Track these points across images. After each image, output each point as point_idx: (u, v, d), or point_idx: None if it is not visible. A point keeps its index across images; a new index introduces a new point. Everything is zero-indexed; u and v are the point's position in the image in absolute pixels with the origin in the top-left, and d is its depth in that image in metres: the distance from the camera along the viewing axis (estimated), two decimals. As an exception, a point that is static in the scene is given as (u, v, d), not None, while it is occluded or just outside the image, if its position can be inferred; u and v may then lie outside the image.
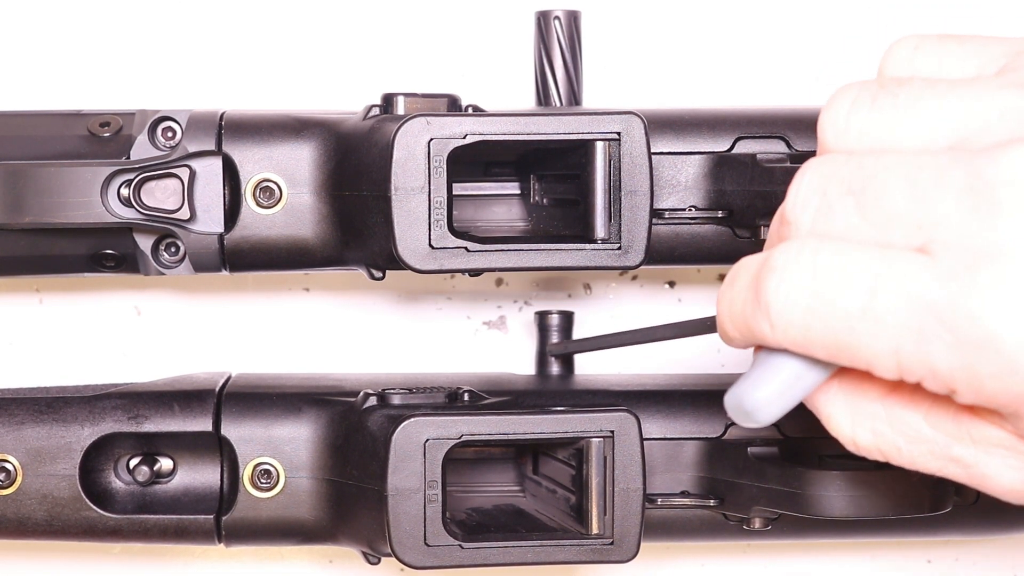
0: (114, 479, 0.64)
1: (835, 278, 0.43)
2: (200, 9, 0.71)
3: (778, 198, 0.60)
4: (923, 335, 0.42)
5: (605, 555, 0.59)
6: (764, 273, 0.45)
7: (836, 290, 0.43)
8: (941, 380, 0.42)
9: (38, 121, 0.63)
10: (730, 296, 0.46)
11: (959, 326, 0.41)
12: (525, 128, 0.58)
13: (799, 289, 0.44)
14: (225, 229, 0.62)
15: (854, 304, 0.43)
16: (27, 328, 0.71)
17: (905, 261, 0.42)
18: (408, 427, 0.58)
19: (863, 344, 0.43)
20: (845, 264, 0.43)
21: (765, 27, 0.72)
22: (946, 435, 0.45)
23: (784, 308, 0.44)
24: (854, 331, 0.43)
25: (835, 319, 0.43)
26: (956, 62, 0.46)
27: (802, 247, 0.44)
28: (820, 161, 0.45)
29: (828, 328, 0.43)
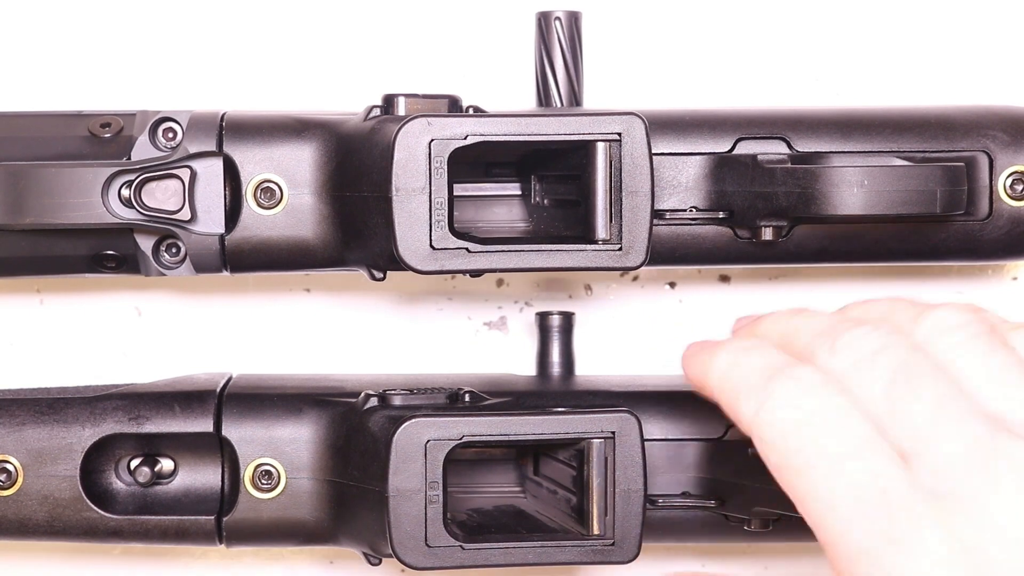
0: (115, 480, 0.64)
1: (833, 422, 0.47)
2: (200, 10, 0.71)
3: (779, 199, 0.60)
4: (862, 509, 0.45)
5: (606, 556, 0.59)
6: (787, 375, 0.49)
7: (827, 430, 0.47)
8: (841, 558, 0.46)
9: (39, 122, 0.63)
10: (736, 363, 0.52)
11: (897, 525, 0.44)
12: (526, 129, 0.58)
13: (802, 411, 0.48)
14: (226, 230, 0.62)
15: (832, 449, 0.47)
16: (28, 329, 0.71)
17: (887, 453, 0.46)
18: (409, 428, 0.58)
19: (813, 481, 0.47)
20: (847, 421, 0.47)
21: (765, 27, 0.72)
22: None
23: (779, 408, 0.49)
24: (815, 467, 0.47)
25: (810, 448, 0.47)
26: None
27: (828, 385, 0.48)
28: (894, 330, 0.49)
29: (798, 449, 0.47)
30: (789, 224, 0.63)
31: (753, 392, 0.50)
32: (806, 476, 0.47)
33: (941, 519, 0.44)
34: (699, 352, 0.55)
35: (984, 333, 0.49)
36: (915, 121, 0.64)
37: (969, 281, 0.72)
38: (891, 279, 0.71)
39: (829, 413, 0.48)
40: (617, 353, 0.71)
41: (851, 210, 0.58)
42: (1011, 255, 0.65)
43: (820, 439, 0.47)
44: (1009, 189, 0.64)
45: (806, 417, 0.48)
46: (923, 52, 0.72)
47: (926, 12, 0.72)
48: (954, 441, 0.45)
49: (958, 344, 0.49)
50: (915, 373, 0.48)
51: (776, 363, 0.51)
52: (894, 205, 0.59)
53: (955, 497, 0.45)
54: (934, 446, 0.46)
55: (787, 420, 0.48)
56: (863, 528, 0.45)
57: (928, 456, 0.46)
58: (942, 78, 0.72)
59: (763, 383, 0.50)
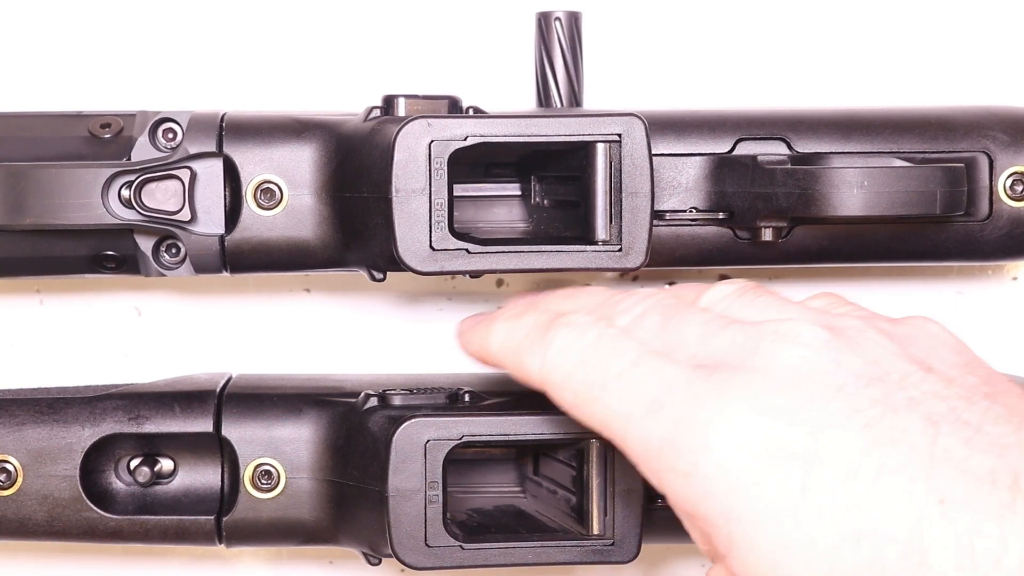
0: (115, 480, 0.64)
1: (611, 347, 0.52)
2: (200, 10, 0.71)
3: (779, 200, 0.60)
4: (654, 406, 0.49)
5: (606, 556, 0.59)
6: (561, 323, 0.54)
7: (607, 354, 0.52)
8: (651, 459, 0.49)
9: (39, 122, 0.63)
10: (512, 326, 0.56)
11: (685, 406, 0.49)
12: (526, 130, 0.58)
13: (581, 346, 0.53)
14: (226, 230, 0.62)
15: (616, 367, 0.51)
16: (28, 329, 0.71)
17: (666, 360, 0.51)
18: (409, 428, 0.58)
19: (606, 402, 0.51)
20: (624, 344, 0.52)
21: (765, 28, 0.72)
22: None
23: (560, 351, 0.53)
24: (605, 388, 0.51)
25: (596, 374, 0.51)
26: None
27: (600, 323, 0.53)
28: (662, 293, 0.55)
29: (586, 380, 0.52)
30: (789, 225, 0.63)
31: (534, 346, 0.54)
32: (600, 400, 0.51)
33: (721, 387, 0.48)
34: (475, 326, 0.59)
35: (752, 288, 0.54)
36: (915, 121, 0.64)
37: (969, 281, 0.72)
38: (891, 279, 0.71)
39: (606, 341, 0.52)
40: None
41: (851, 211, 0.59)
42: (1011, 255, 0.66)
43: (603, 364, 0.51)
44: (1009, 190, 0.64)
45: (586, 350, 0.52)
46: (923, 52, 0.72)
47: (926, 12, 0.72)
48: (724, 339, 0.51)
49: (731, 301, 0.54)
50: (681, 312, 0.53)
51: (549, 317, 0.55)
52: (894, 206, 0.59)
53: (731, 369, 0.49)
54: (708, 350, 0.51)
55: (570, 359, 0.53)
56: (659, 422, 0.49)
57: (704, 359, 0.51)
58: (942, 78, 0.72)
59: (541, 336, 0.54)
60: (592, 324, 0.53)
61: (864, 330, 0.50)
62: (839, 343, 0.49)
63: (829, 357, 0.49)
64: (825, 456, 0.46)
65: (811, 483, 0.46)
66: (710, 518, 0.48)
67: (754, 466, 0.47)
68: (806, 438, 0.47)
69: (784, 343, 0.49)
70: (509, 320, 0.57)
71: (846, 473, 0.46)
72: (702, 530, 0.49)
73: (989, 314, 0.72)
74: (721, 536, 0.48)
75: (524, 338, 0.55)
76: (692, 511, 0.49)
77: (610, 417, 0.51)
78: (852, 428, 0.47)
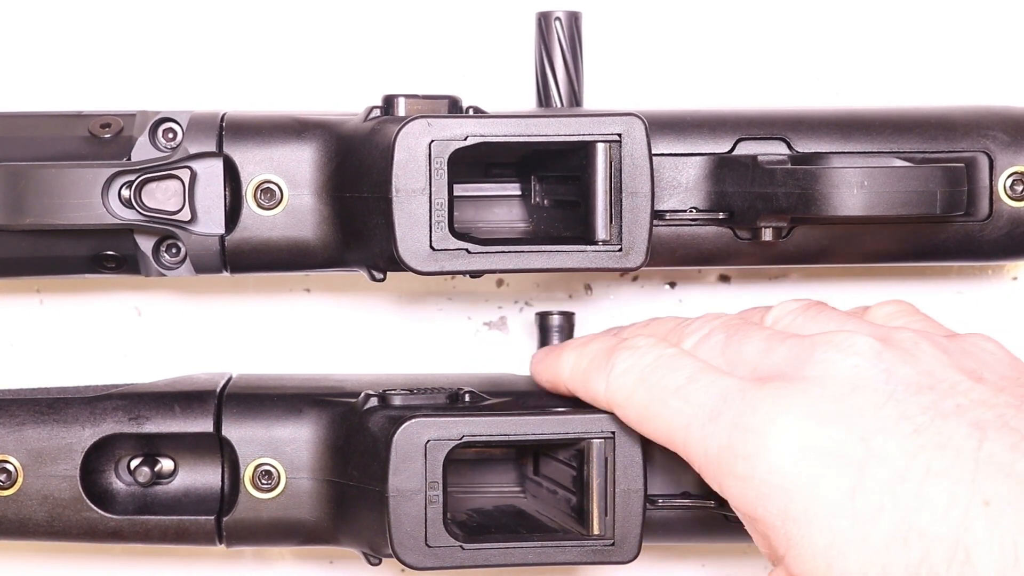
0: (115, 480, 0.64)
1: (669, 364, 0.55)
2: (200, 10, 0.71)
3: (779, 199, 0.60)
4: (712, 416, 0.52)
5: (606, 556, 0.59)
6: (623, 346, 0.57)
7: (666, 372, 0.55)
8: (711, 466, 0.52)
9: (39, 122, 0.63)
10: (580, 353, 0.60)
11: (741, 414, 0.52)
12: (526, 129, 0.58)
13: (641, 366, 0.56)
14: (226, 230, 0.62)
15: (674, 382, 0.54)
16: (28, 329, 0.71)
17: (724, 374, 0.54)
18: (409, 428, 0.58)
19: (667, 417, 0.54)
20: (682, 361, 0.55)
21: (765, 27, 0.72)
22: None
23: (623, 372, 0.56)
24: (665, 403, 0.54)
25: (656, 390, 0.55)
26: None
27: (660, 344, 0.57)
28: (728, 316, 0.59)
29: (648, 397, 0.55)
30: (789, 224, 0.63)
31: (600, 370, 0.58)
32: (660, 416, 0.54)
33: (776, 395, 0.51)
34: (545, 357, 0.63)
35: (814, 305, 0.57)
36: (915, 121, 0.64)
37: (969, 281, 0.72)
38: (891, 279, 0.71)
39: (665, 359, 0.55)
40: (617, 353, 0.71)
41: (851, 211, 0.58)
42: (1011, 255, 0.66)
43: (662, 380, 0.55)
44: (1009, 190, 0.64)
45: (647, 369, 0.55)
46: (923, 52, 0.72)
47: (926, 12, 0.72)
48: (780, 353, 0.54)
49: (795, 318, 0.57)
50: (743, 332, 0.56)
51: (614, 342, 0.58)
52: (894, 206, 0.59)
53: (786, 379, 0.52)
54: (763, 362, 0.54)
55: (632, 378, 0.56)
56: (716, 430, 0.52)
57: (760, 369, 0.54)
58: (942, 78, 0.72)
59: (605, 360, 0.57)
60: (652, 346, 0.57)
61: (918, 342, 0.53)
62: (891, 354, 0.52)
63: (881, 367, 0.51)
64: (875, 460, 0.49)
65: (862, 485, 0.49)
66: (768, 520, 0.50)
67: (808, 469, 0.49)
68: (857, 443, 0.49)
69: (837, 353, 0.52)
70: (577, 348, 0.60)
71: (895, 476, 0.48)
72: (762, 533, 0.51)
73: (989, 314, 0.72)
74: (779, 537, 0.50)
75: (590, 363, 0.59)
76: (751, 514, 0.51)
77: (671, 430, 0.54)
78: (901, 433, 0.49)
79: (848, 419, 0.50)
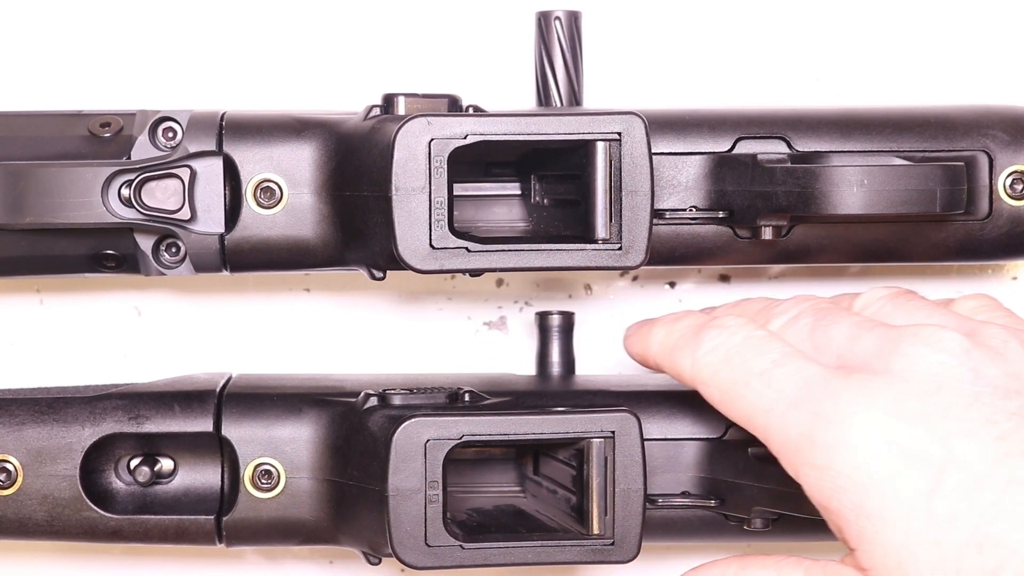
0: (115, 479, 0.64)
1: (756, 347, 0.55)
2: (200, 9, 0.71)
3: (779, 198, 0.60)
4: (794, 402, 0.52)
5: (606, 555, 0.59)
6: (712, 324, 0.57)
7: (752, 354, 0.55)
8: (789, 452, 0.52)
9: (39, 121, 0.63)
10: (670, 329, 0.59)
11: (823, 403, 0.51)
12: (526, 128, 0.58)
13: (728, 345, 0.55)
14: (226, 229, 0.62)
15: (759, 365, 0.54)
16: (28, 328, 0.71)
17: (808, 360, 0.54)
18: (409, 427, 0.58)
19: (749, 399, 0.54)
20: (770, 344, 0.55)
21: (765, 27, 0.72)
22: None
23: (710, 350, 0.56)
24: (749, 385, 0.54)
25: (740, 371, 0.54)
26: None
27: (750, 325, 0.56)
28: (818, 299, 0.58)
29: (731, 377, 0.55)
30: (789, 223, 0.63)
31: (687, 346, 0.57)
32: (743, 397, 0.54)
33: (860, 387, 0.51)
34: (638, 330, 0.62)
35: (903, 293, 0.56)
36: (915, 121, 0.64)
37: (969, 281, 0.72)
38: (891, 279, 0.71)
39: (753, 341, 0.55)
40: (617, 353, 0.71)
41: (851, 209, 0.59)
42: (1011, 255, 0.66)
43: (747, 362, 0.54)
44: (1009, 189, 0.64)
45: (733, 350, 0.55)
46: (923, 52, 0.72)
47: (926, 12, 0.72)
48: (867, 342, 0.53)
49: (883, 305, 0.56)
50: (833, 314, 0.55)
51: (703, 320, 0.58)
52: (894, 204, 0.59)
53: (871, 370, 0.51)
54: (852, 352, 0.53)
55: (717, 357, 0.55)
56: (798, 417, 0.52)
57: (847, 360, 0.53)
58: (942, 78, 0.72)
59: (693, 337, 0.57)
60: (742, 326, 0.56)
61: (1008, 340, 0.52)
62: (980, 352, 0.51)
63: (968, 365, 0.51)
64: (956, 464, 0.48)
65: (941, 488, 0.48)
66: (842, 512, 0.50)
67: (887, 467, 0.49)
68: (939, 445, 0.49)
69: (924, 347, 0.51)
70: (668, 324, 0.60)
71: (975, 482, 0.48)
72: (835, 524, 0.51)
73: (989, 314, 0.72)
74: (852, 530, 0.50)
75: (678, 339, 0.58)
76: (825, 504, 0.51)
77: (752, 413, 0.54)
78: (985, 438, 0.48)
79: (931, 419, 0.49)
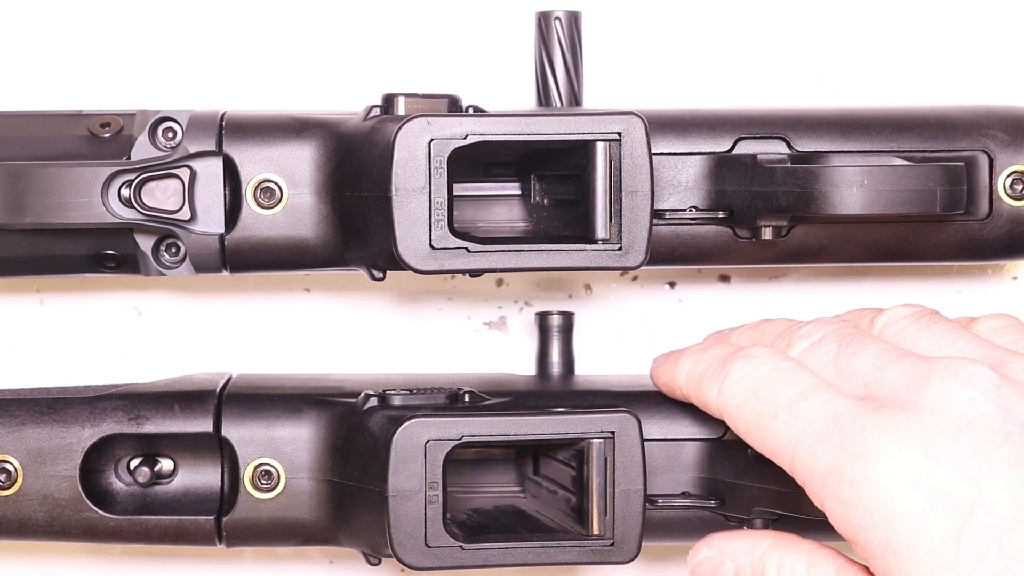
0: (115, 480, 0.64)
1: (783, 377, 0.54)
2: (200, 9, 0.71)
3: (779, 198, 0.60)
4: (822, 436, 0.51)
5: (606, 556, 0.59)
6: (739, 355, 0.56)
7: (779, 385, 0.54)
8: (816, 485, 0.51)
9: (39, 121, 0.63)
10: (697, 359, 0.59)
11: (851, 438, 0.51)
12: (526, 128, 0.58)
13: (754, 376, 0.55)
14: (226, 229, 0.62)
15: (786, 397, 0.53)
16: (27, 329, 0.71)
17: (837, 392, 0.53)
18: (409, 428, 0.58)
19: (776, 431, 0.53)
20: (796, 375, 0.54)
21: (765, 27, 0.72)
22: None
23: (736, 382, 0.55)
24: (776, 417, 0.53)
25: (767, 403, 0.54)
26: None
27: (776, 356, 0.55)
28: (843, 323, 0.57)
29: (758, 409, 0.54)
30: (789, 224, 0.63)
31: (713, 377, 0.57)
32: (770, 428, 0.53)
33: (889, 422, 0.50)
34: (664, 361, 0.62)
35: (928, 315, 0.56)
36: (915, 121, 0.64)
37: (969, 281, 0.72)
38: (891, 279, 0.71)
39: (779, 372, 0.54)
40: (617, 353, 0.71)
41: (851, 210, 0.58)
42: (1011, 255, 0.65)
43: (774, 393, 0.54)
44: (1009, 189, 0.64)
45: (760, 381, 0.55)
46: (923, 52, 0.72)
47: (926, 12, 0.72)
48: (895, 373, 0.52)
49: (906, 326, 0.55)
50: (856, 343, 0.54)
51: (730, 351, 0.57)
52: (894, 205, 0.59)
53: (899, 406, 0.51)
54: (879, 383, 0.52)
55: (744, 388, 0.55)
56: (825, 451, 0.51)
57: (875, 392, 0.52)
58: (942, 78, 0.72)
59: (720, 367, 0.57)
60: (768, 356, 0.56)
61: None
62: (1010, 389, 0.50)
63: (999, 403, 0.50)
64: (985, 505, 0.48)
65: (969, 530, 0.48)
66: (868, 548, 0.50)
67: (914, 506, 0.49)
68: (968, 485, 0.48)
69: (955, 382, 0.51)
70: (695, 354, 0.60)
71: (1004, 524, 0.48)
72: (862, 557, 0.51)
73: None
74: (877, 566, 0.50)
75: (704, 369, 0.58)
76: (852, 538, 0.50)
77: (779, 444, 0.53)
78: (1015, 480, 0.48)
79: (960, 458, 0.49)
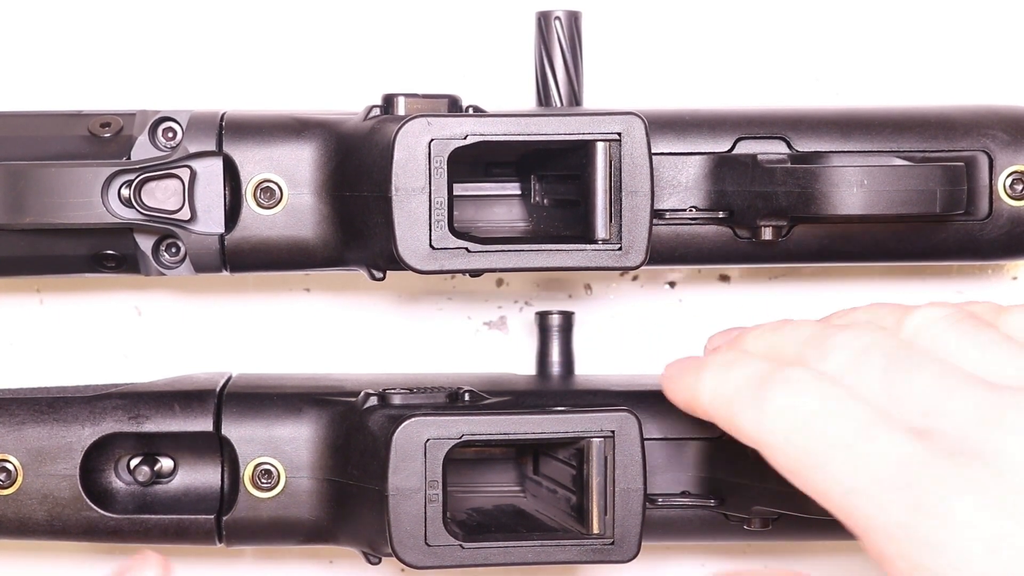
0: (115, 479, 0.64)
1: (835, 412, 0.48)
2: (200, 9, 0.71)
3: (779, 199, 0.60)
4: (889, 487, 0.46)
5: (606, 555, 0.59)
6: (778, 379, 0.49)
7: (831, 419, 0.48)
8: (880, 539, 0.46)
9: (39, 121, 0.63)
10: (724, 377, 0.52)
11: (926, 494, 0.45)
12: (526, 128, 0.58)
13: (801, 409, 0.48)
14: (226, 229, 0.62)
15: (842, 437, 0.47)
16: (27, 328, 0.71)
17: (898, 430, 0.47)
18: (409, 427, 0.58)
19: (831, 473, 0.47)
20: (849, 408, 0.48)
21: (765, 27, 0.72)
22: None
23: (779, 413, 0.49)
24: (832, 458, 0.47)
25: (819, 442, 0.48)
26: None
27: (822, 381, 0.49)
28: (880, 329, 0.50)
29: (807, 447, 0.48)
30: (789, 224, 0.63)
31: (749, 403, 0.50)
32: (823, 470, 0.48)
33: (965, 476, 0.45)
34: (682, 374, 0.55)
35: (967, 318, 0.50)
36: (915, 121, 0.64)
37: (969, 281, 0.72)
38: (891, 279, 0.71)
39: (829, 405, 0.48)
40: (617, 353, 0.71)
41: (851, 210, 0.59)
42: (1011, 255, 0.66)
43: (827, 431, 0.48)
44: (1009, 189, 0.64)
45: (808, 414, 0.48)
46: (923, 52, 0.72)
47: (926, 12, 0.72)
48: (961, 404, 0.47)
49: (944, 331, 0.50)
50: (907, 359, 0.49)
51: (764, 370, 0.51)
52: (894, 205, 0.59)
53: (973, 453, 0.45)
54: (942, 414, 0.47)
55: (790, 421, 0.49)
56: (893, 505, 0.46)
57: (938, 424, 0.47)
58: (942, 78, 0.72)
59: (757, 391, 0.50)
60: (812, 382, 0.49)
61: None
62: None
63: None
64: None
65: None
66: None
67: (995, 568, 0.45)
68: None
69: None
70: (719, 370, 0.53)
71: None
72: None
73: (989, 314, 0.72)
74: None
75: (736, 392, 0.51)
76: None
77: (832, 489, 0.48)
78: None
79: None
